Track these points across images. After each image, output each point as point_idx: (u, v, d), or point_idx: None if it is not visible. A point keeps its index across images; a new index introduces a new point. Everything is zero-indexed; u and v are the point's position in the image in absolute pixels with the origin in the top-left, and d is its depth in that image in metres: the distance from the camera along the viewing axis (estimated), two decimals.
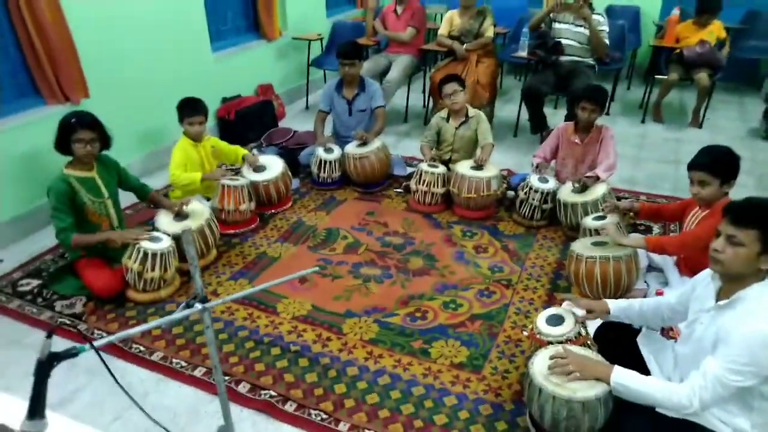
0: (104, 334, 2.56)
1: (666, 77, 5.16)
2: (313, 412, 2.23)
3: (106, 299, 2.83)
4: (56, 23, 3.37)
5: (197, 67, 4.58)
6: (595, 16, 4.55)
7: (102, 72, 3.74)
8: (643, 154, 4.69)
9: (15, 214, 3.40)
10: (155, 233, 2.91)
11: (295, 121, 5.41)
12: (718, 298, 1.87)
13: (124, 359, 2.51)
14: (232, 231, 3.45)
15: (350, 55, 4.06)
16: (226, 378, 2.38)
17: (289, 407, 2.25)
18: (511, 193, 3.85)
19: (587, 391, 1.92)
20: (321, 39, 5.75)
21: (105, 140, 2.87)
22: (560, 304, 2.46)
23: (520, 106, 4.98)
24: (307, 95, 5.94)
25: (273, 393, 2.31)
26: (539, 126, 4.81)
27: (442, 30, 5.16)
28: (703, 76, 4.94)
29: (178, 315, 1.61)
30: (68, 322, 2.74)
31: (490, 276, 3.07)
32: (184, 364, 2.48)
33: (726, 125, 5.27)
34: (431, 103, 5.23)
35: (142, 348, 2.57)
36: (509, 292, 2.93)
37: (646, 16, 6.42)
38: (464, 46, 4.98)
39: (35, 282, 3.04)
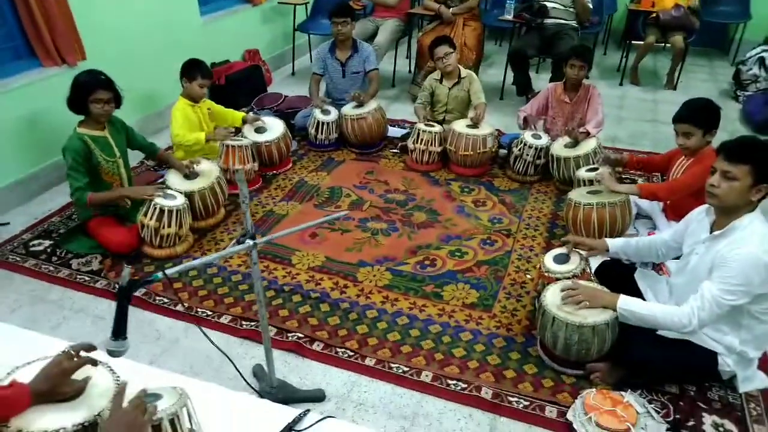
0: None
1: (643, 41, 5.37)
2: (339, 350, 2.37)
3: (123, 255, 2.89)
4: None
5: (187, 30, 4.56)
6: None
7: (96, 35, 3.71)
8: (623, 113, 4.91)
9: (17, 177, 3.40)
10: (168, 190, 2.97)
11: (283, 86, 5.44)
12: (712, 230, 2.08)
13: (150, 311, 2.60)
14: (237, 191, 3.51)
15: (343, 12, 4.12)
16: (252, 323, 2.51)
17: (317, 347, 2.39)
18: (502, 151, 4.01)
19: (596, 317, 2.11)
20: (306, 4, 5.75)
21: (118, 100, 2.90)
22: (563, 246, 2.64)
23: (505, 69, 5.12)
24: (293, 61, 5.95)
25: (300, 335, 2.44)
26: (525, 88, 4.97)
27: None
28: (678, 39, 5.16)
29: (231, 249, 1.72)
30: (87, 278, 2.81)
31: (490, 227, 3.24)
32: (209, 312, 2.58)
33: (699, 86, 5.52)
34: (414, 69, 5.32)
35: (165, 300, 2.66)
36: (510, 241, 3.11)
37: None
38: (450, 9, 5.07)
39: (47, 242, 3.07)
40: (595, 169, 3.21)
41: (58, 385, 1.39)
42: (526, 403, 2.13)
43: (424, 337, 2.44)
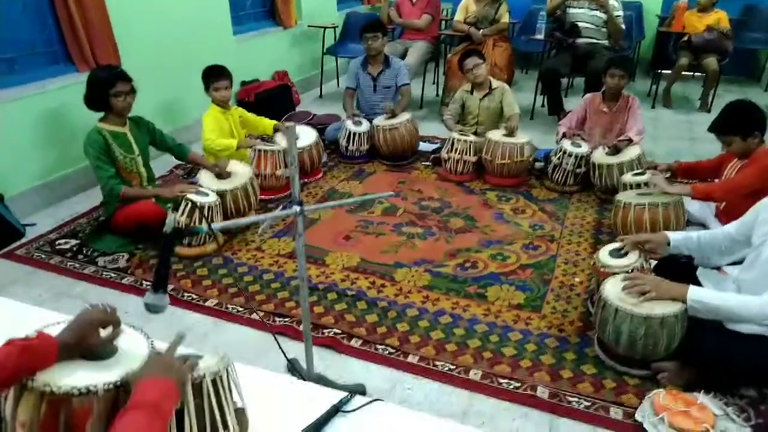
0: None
1: (673, 66, 5.31)
2: (379, 346, 2.21)
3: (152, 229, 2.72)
4: None
5: (220, 47, 4.59)
6: (611, 1, 4.67)
7: (132, 43, 3.73)
8: (659, 132, 4.79)
9: (46, 179, 3.36)
10: (201, 188, 2.89)
11: (311, 107, 5.42)
12: None
13: (178, 305, 2.47)
14: (268, 197, 3.43)
15: (373, 28, 4.13)
16: (286, 319, 2.36)
17: (355, 343, 2.23)
18: (539, 164, 3.89)
19: (665, 308, 1.93)
20: (335, 28, 5.82)
21: (134, 92, 2.89)
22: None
23: (536, 89, 5.07)
24: (321, 85, 5.97)
25: (337, 330, 2.29)
26: (557, 107, 4.89)
27: (458, 16, 5.26)
28: (711, 61, 5.09)
29: (278, 213, 1.60)
30: (113, 275, 2.70)
31: (531, 233, 3.09)
32: (240, 309, 2.44)
33: None
34: (442, 90, 5.30)
35: (194, 296, 2.53)
36: (554, 246, 2.96)
37: (647, 12, 6.60)
38: (480, 31, 5.07)
39: (73, 241, 2.99)
40: (642, 174, 3.07)
41: (86, 336, 1.26)
42: (588, 404, 1.94)
43: (469, 336, 2.26)
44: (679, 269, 2.34)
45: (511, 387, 2.01)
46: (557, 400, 1.95)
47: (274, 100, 4.96)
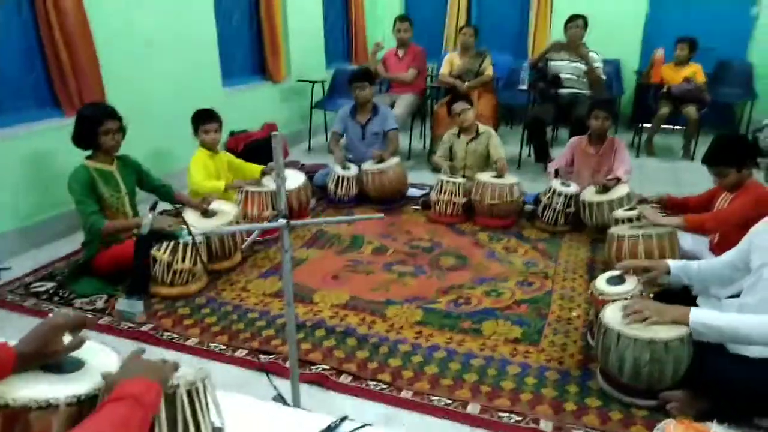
0: (133, 327, 2.36)
1: (653, 118, 5.45)
2: (371, 382, 2.08)
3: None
4: (84, 40, 3.41)
5: (209, 98, 4.57)
6: (590, 54, 4.83)
7: (120, 89, 3.73)
8: (645, 179, 4.81)
9: (27, 223, 3.26)
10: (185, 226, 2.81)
11: (300, 159, 5.45)
12: None
13: (157, 345, 2.32)
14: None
15: (361, 77, 4.21)
16: (271, 356, 2.23)
17: (344, 379, 2.10)
18: (528, 206, 3.88)
19: (669, 332, 1.85)
20: (323, 83, 5.94)
21: (124, 132, 2.86)
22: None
23: (522, 140, 5.16)
24: (310, 139, 6.02)
25: (325, 366, 2.16)
26: (543, 154, 4.95)
27: (443, 70, 5.40)
28: (691, 110, 5.23)
29: (264, 225, 1.54)
30: (90, 315, 2.56)
31: (525, 270, 3.02)
32: (222, 347, 2.31)
33: None
34: (430, 140, 5.37)
35: (175, 335, 2.39)
36: (548, 282, 2.88)
37: (625, 68, 6.84)
38: (465, 83, 5.20)
39: (50, 284, 2.86)
40: (633, 209, 3.05)
41: (48, 343, 1.15)
42: None
43: (466, 371, 2.15)
44: (679, 299, 2.28)
45: (513, 421, 1.88)
46: None
47: (262, 150, 4.93)
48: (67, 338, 1.21)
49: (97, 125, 2.73)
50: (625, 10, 6.49)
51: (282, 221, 1.54)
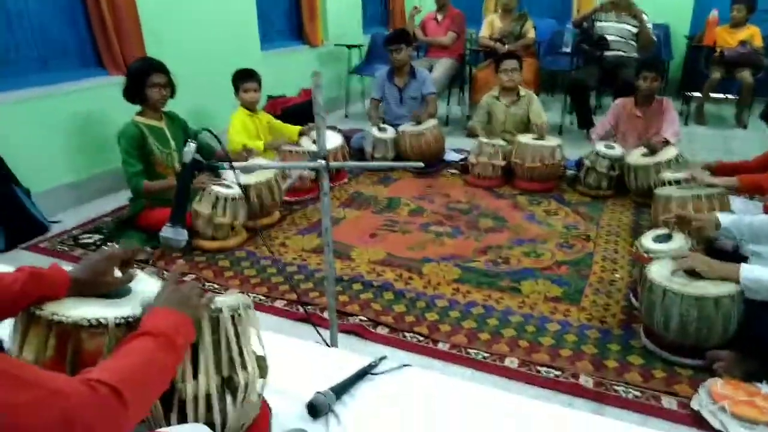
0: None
1: (704, 86, 5.21)
2: (407, 334, 2.08)
3: None
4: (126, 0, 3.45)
5: (247, 60, 4.58)
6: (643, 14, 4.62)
7: (161, 49, 3.75)
8: (694, 147, 4.63)
9: (72, 179, 3.35)
10: (225, 181, 2.84)
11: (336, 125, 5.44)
12: None
13: None
14: (293, 198, 3.37)
15: (396, 39, 4.14)
16: (310, 307, 2.25)
17: (381, 330, 2.11)
18: (570, 172, 3.77)
19: (719, 288, 1.78)
20: (360, 47, 5.88)
21: (173, 88, 2.88)
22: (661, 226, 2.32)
23: (563, 107, 5.01)
24: (347, 105, 5.99)
25: (362, 318, 2.17)
26: (586, 120, 4.79)
27: (484, 32, 5.26)
28: (746, 75, 4.97)
29: (302, 164, 1.53)
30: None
31: (566, 233, 2.95)
32: (262, 297, 2.35)
33: None
34: (468, 105, 5.26)
35: (215, 285, 2.45)
36: (590, 244, 2.81)
37: (675, 33, 6.54)
38: (506, 46, 5.05)
39: (97, 236, 2.95)
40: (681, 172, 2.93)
41: (101, 273, 1.18)
42: (637, 393, 1.77)
43: (503, 326, 2.12)
44: (728, 259, 2.19)
45: (552, 375, 1.86)
46: (603, 389, 1.79)
47: (300, 115, 4.95)
48: (118, 273, 1.24)
49: (144, 78, 2.76)
50: None
51: (321, 162, 1.53)
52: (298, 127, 3.75)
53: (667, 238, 2.14)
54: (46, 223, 3.01)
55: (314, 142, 3.61)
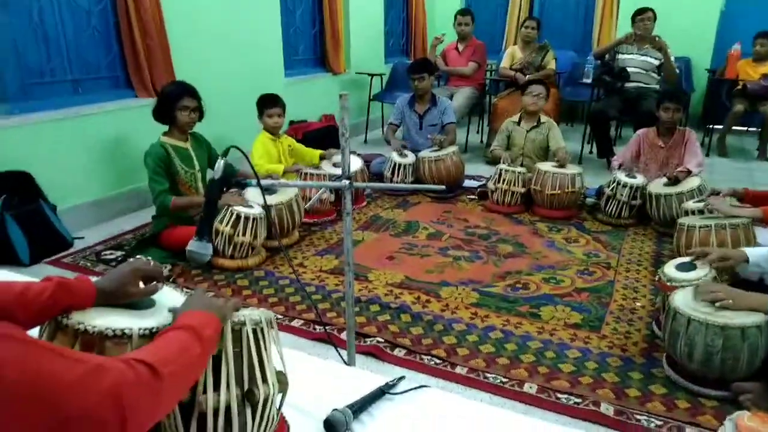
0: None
1: (726, 118, 5.19)
2: (425, 357, 2.06)
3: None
4: (157, 27, 3.56)
5: (271, 87, 4.69)
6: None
7: (188, 74, 3.86)
8: (715, 180, 4.57)
9: (97, 197, 3.42)
10: (248, 201, 2.88)
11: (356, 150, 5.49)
12: None
13: None
14: (312, 220, 3.40)
15: (419, 69, 4.19)
16: (327, 327, 2.25)
17: (399, 352, 2.09)
18: (590, 200, 3.76)
19: (745, 318, 1.75)
20: (382, 76, 5.97)
21: (201, 112, 2.95)
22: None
23: (584, 136, 5.02)
24: (366, 131, 6.07)
25: (380, 339, 2.15)
26: (606, 150, 4.79)
27: (504, 63, 5.32)
28: None
29: (327, 183, 1.55)
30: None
31: (586, 260, 2.93)
32: (280, 316, 2.35)
33: None
34: (487, 134, 5.29)
35: None
36: (611, 272, 2.78)
37: (696, 67, 6.54)
38: (527, 76, 5.10)
39: (119, 252, 3.00)
40: (703, 201, 2.90)
41: (126, 284, 1.20)
42: (659, 423, 1.72)
43: (522, 351, 2.09)
44: (754, 289, 2.15)
45: (572, 402, 1.82)
46: (624, 417, 1.75)
47: (320, 139, 5.03)
48: (142, 285, 1.26)
49: (175, 101, 2.84)
50: (698, 3, 6.17)
51: (345, 182, 1.55)
52: (319, 151, 3.80)
53: (690, 266, 2.10)
54: (70, 239, 3.06)
55: (335, 165, 3.68)
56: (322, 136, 5.09)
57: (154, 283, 1.26)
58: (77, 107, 3.31)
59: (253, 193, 3.02)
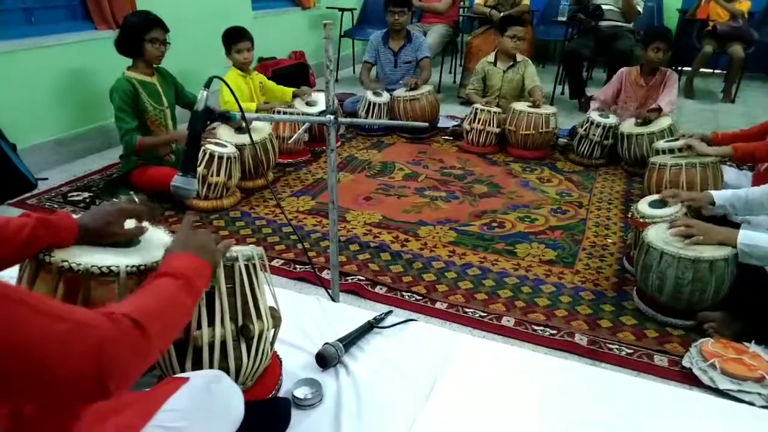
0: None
1: (694, 62, 5.23)
2: (405, 294, 2.10)
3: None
4: None
5: (238, 21, 4.46)
6: None
7: (151, 9, 3.65)
8: (683, 119, 4.67)
9: (60, 135, 3.27)
10: (220, 140, 2.80)
11: None
12: None
13: None
14: (286, 160, 3.34)
15: (400, 2, 4.05)
16: (308, 267, 2.25)
17: (380, 289, 2.12)
18: (562, 140, 3.79)
19: (714, 251, 1.82)
20: (353, 11, 5.76)
21: (167, 45, 2.81)
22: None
23: (556, 76, 5.00)
24: (337, 69, 5.89)
25: (361, 277, 2.18)
26: (579, 91, 4.80)
27: (479, 0, 5.19)
28: (737, 49, 5.00)
29: (312, 118, 1.51)
30: None
31: (559, 199, 2.98)
32: None
33: (759, 100, 5.31)
34: (461, 73, 5.22)
35: None
36: (583, 211, 2.85)
37: (668, 8, 6.51)
38: (501, 13, 4.99)
39: (86, 194, 2.90)
40: (676, 140, 2.96)
41: (111, 223, 1.16)
42: (630, 351, 1.81)
43: (500, 287, 2.15)
44: (718, 223, 2.23)
45: (547, 334, 1.89)
46: (597, 347, 1.83)
47: (291, 77, 4.87)
48: (128, 225, 1.22)
49: (144, 33, 2.68)
50: None
51: (330, 117, 1.52)
52: (291, 89, 3.68)
53: (662, 204, 2.17)
54: (33, 180, 2.93)
55: (308, 104, 3.59)
56: (293, 73, 4.93)
57: (143, 223, 1.23)
58: (31, 38, 3.09)
59: (225, 133, 2.93)
